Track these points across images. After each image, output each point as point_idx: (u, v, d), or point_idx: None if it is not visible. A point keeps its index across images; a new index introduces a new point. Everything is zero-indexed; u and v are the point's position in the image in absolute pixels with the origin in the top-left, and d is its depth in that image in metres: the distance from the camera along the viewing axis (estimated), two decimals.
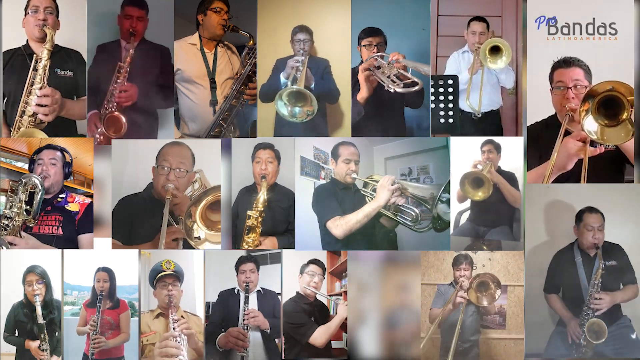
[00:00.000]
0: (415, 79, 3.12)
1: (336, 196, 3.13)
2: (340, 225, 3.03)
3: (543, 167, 3.09)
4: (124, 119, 3.22)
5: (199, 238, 3.14)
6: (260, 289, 3.22)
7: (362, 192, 3.21)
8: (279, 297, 3.18)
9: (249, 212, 3.13)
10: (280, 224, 3.19)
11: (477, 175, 3.10)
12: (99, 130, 3.24)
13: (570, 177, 3.09)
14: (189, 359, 3.11)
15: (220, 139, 3.24)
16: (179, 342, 3.03)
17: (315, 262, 3.16)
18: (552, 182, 3.06)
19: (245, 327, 3.13)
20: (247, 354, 3.13)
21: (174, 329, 3.04)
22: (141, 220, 3.20)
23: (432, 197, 3.01)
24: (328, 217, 3.06)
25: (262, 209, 3.12)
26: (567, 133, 3.06)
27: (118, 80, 3.23)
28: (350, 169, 3.15)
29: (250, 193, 3.22)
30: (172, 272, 3.16)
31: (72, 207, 3.25)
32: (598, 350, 3.14)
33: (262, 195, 3.14)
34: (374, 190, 3.07)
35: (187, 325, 3.11)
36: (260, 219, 3.12)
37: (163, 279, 3.16)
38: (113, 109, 3.23)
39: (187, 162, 3.24)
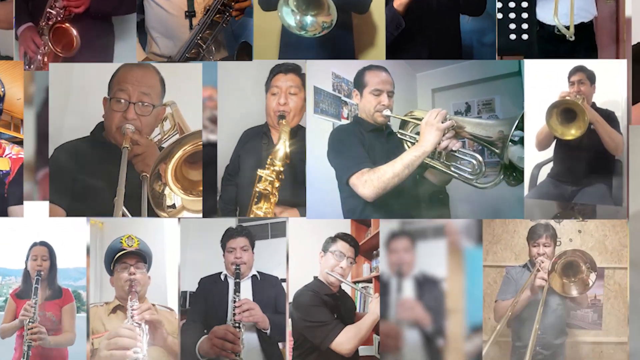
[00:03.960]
0: None
1: (362, 141, 2.68)
2: (369, 182, 2.54)
3: None
4: (74, 32, 2.69)
5: (173, 206, 2.63)
6: (256, 273, 2.76)
7: (399, 135, 2.76)
8: (283, 284, 2.73)
9: (259, 172, 2.63)
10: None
11: (569, 105, 2.66)
12: (43, 49, 2.72)
13: None
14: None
15: (201, 63, 2.72)
16: (137, 333, 2.58)
17: (344, 237, 2.71)
18: None
19: (237, 325, 2.64)
20: None
21: (131, 316, 2.59)
22: (89, 179, 2.68)
23: (500, 137, 2.51)
24: (352, 171, 2.60)
25: (282, 168, 2.63)
26: None
27: None
28: (382, 103, 2.68)
29: (260, 137, 2.75)
30: (135, 250, 2.68)
31: (1, 164, 2.71)
32: None
33: (282, 148, 2.61)
34: (417, 133, 2.62)
35: (150, 312, 2.63)
36: (277, 184, 2.64)
37: (123, 259, 2.68)
38: (59, 18, 2.70)
39: (154, 92, 2.69)
